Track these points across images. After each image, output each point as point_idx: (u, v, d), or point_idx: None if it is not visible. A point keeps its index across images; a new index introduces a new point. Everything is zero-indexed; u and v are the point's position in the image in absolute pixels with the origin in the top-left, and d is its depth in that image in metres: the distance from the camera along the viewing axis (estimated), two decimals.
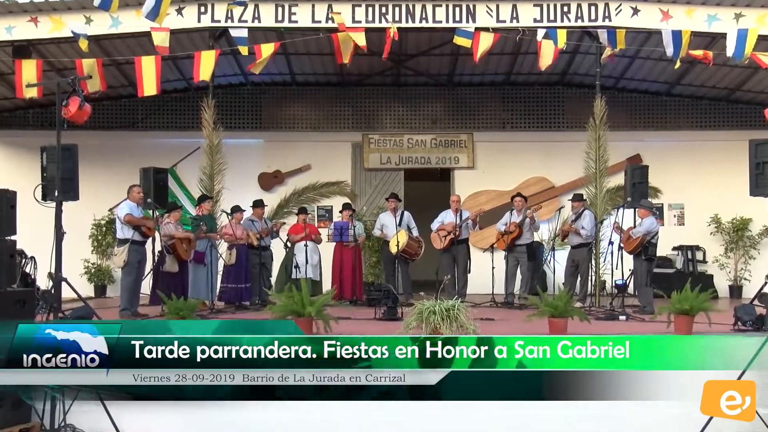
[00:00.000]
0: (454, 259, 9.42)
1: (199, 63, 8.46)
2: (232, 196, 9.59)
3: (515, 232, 9.22)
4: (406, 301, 8.98)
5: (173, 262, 8.18)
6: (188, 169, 11.03)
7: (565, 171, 11.37)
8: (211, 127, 9.22)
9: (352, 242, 9.57)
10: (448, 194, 11.74)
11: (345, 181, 11.85)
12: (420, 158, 11.90)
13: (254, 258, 9.10)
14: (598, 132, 9.11)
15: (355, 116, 11.91)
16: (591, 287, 9.02)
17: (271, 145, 11.82)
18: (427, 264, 10.31)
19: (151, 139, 11.52)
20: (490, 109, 11.92)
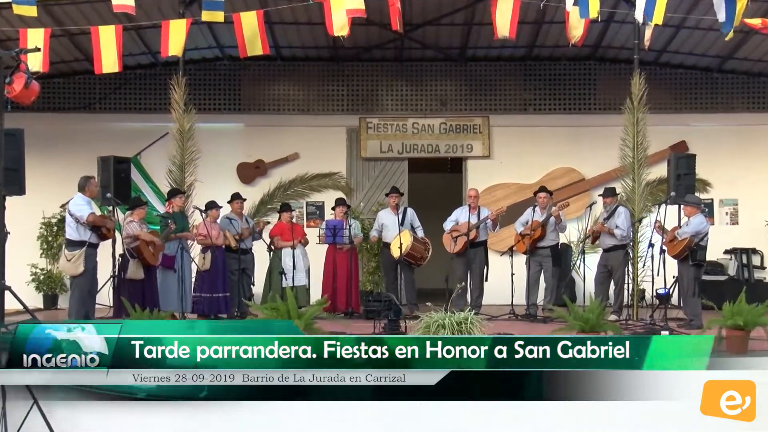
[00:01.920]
0: (468, 265, 9.41)
1: (167, 34, 8.45)
2: (206, 190, 9.59)
3: (538, 233, 9.20)
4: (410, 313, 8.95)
5: (138, 268, 8.18)
6: (155, 159, 11.00)
7: (598, 161, 11.36)
8: (181, 109, 9.22)
9: (348, 244, 9.56)
10: (460, 188, 11.78)
11: (339, 173, 11.85)
12: (427, 146, 11.89)
13: (233, 263, 9.09)
14: (636, 115, 9.11)
15: (351, 97, 11.89)
16: (627, 297, 9.01)
17: (252, 130, 11.82)
18: (435, 270, 10.31)
19: (111, 123, 11.50)
20: (509, 89, 11.90)
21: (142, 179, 11.36)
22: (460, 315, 6.20)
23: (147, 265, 8.24)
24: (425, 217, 10.14)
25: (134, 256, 8.17)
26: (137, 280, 8.17)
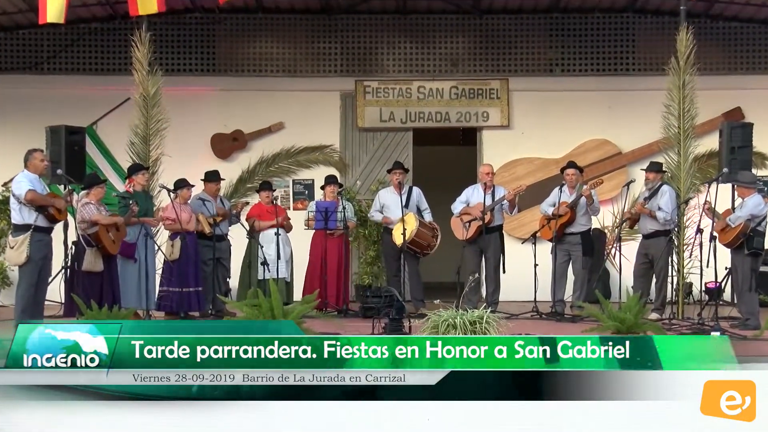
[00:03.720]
0: (482, 254, 9.41)
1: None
2: (175, 165, 9.55)
3: (566, 216, 9.18)
4: (415, 311, 8.95)
5: (96, 258, 8.14)
6: (114, 129, 10.96)
7: (636, 131, 11.34)
8: (145, 71, 9.18)
9: (341, 229, 9.54)
10: (473, 164, 11.74)
11: (331, 146, 11.82)
12: (435, 114, 11.84)
13: (206, 252, 9.08)
14: (682, 77, 9.07)
15: (346, 56, 11.83)
16: (671, 292, 8.99)
17: (228, 95, 11.77)
18: (444, 260, 10.28)
19: (62, 87, 11.43)
20: (532, 46, 11.84)
21: (99, 153, 11.32)
22: (474, 313, 6.22)
23: (107, 254, 8.21)
24: (432, 199, 10.11)
25: (92, 244, 8.13)
26: (95, 272, 8.13)
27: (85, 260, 8.11)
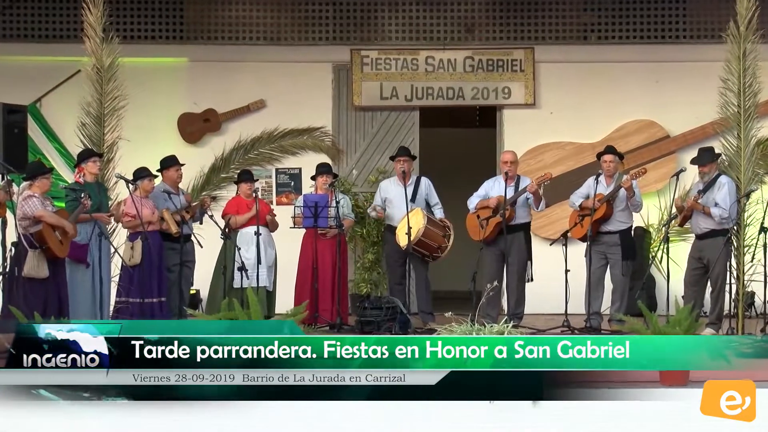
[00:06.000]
0: (503, 258, 9.42)
1: None
2: (135, 152, 9.61)
3: (601, 211, 9.19)
4: (423, 325, 8.99)
5: (40, 262, 8.19)
6: (62, 108, 11.03)
7: (687, 111, 11.37)
8: (98, 38, 9.16)
9: (334, 228, 9.57)
10: (493, 149, 11.76)
11: (322, 128, 11.85)
12: (447, 90, 11.86)
13: (172, 256, 9.16)
14: (743, 45, 9.06)
15: (339, 20, 11.87)
16: (730, 303, 9.02)
17: (199, 67, 11.82)
18: (457, 265, 10.33)
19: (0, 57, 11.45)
20: (562, 9, 11.86)
21: (44, 136, 11.40)
22: (493, 328, 6.23)
23: (53, 257, 8.24)
24: (443, 192, 10.16)
25: (35, 245, 8.17)
26: (39, 279, 8.17)
27: (26, 264, 8.15)
